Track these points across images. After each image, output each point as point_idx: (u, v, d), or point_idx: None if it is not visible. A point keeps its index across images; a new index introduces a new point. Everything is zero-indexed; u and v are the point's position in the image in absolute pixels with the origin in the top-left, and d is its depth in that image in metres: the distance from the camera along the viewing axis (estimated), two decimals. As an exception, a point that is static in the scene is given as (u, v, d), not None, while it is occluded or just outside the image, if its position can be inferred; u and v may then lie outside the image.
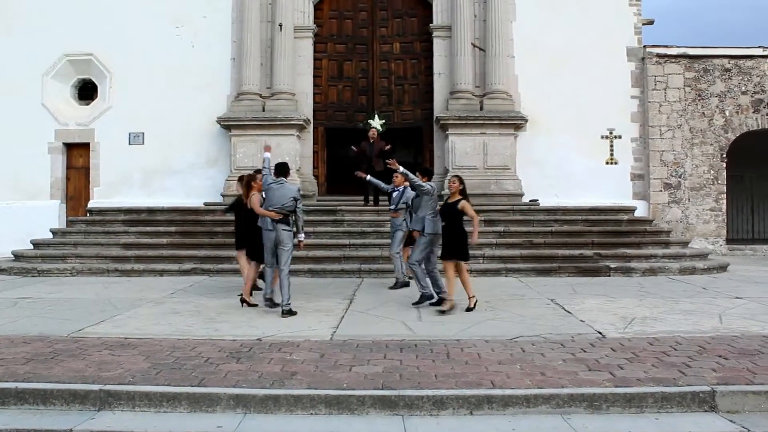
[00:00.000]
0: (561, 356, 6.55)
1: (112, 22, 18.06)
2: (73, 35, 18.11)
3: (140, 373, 6.00)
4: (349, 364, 6.32)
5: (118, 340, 7.39)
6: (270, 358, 6.54)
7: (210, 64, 17.97)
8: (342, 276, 13.04)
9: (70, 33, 18.11)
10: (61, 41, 18.13)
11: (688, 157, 17.61)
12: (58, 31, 18.14)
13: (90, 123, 18.27)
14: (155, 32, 18.06)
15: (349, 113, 18.80)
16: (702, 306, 9.54)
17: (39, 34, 18.21)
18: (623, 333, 7.69)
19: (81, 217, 16.78)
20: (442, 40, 18.05)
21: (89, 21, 18.09)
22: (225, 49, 18.07)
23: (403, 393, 5.47)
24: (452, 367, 6.16)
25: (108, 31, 18.04)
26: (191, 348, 7.00)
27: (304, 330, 7.96)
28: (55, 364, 6.32)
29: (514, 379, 5.79)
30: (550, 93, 17.55)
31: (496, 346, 7.00)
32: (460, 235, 9.17)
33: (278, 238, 9.13)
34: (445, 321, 8.51)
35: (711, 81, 17.68)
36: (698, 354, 6.62)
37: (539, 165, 17.45)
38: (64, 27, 18.13)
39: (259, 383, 5.71)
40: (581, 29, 17.75)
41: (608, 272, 13.15)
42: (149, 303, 10.03)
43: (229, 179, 17.12)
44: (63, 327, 8.15)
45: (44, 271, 13.47)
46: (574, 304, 9.76)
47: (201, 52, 18.04)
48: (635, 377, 5.80)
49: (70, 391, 5.61)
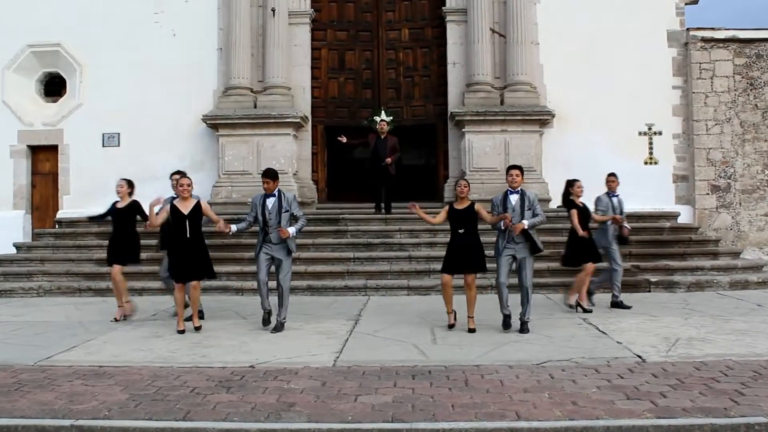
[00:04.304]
0: (595, 383, 6.55)
1: (82, 9, 18.18)
2: (38, 23, 18.21)
3: (117, 406, 6.01)
4: (354, 393, 6.33)
5: (92, 369, 7.41)
6: (265, 388, 6.55)
7: (194, 55, 18.05)
8: (346, 293, 13.06)
9: (34, 21, 18.22)
10: (24, 30, 18.23)
11: (738, 156, 17.58)
12: (20, 18, 18.24)
13: (58, 123, 18.37)
14: (131, 19, 18.15)
15: (352, 109, 18.86)
16: (757, 325, 9.52)
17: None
18: (666, 356, 7.68)
19: (49, 229, 16.86)
20: (457, 25, 18.10)
21: (56, 7, 18.21)
22: (211, 38, 18.16)
23: (415, 426, 5.47)
24: (471, 397, 6.17)
25: (77, 18, 18.16)
26: (175, 377, 7.02)
27: (303, 355, 7.97)
28: (21, 397, 6.35)
29: (542, 409, 5.79)
30: (580, 84, 17.56)
31: (521, 372, 7.00)
32: (479, 242, 9.43)
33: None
34: (464, 344, 8.52)
35: (765, 68, 17.65)
36: (753, 380, 6.60)
37: (568, 166, 17.34)
38: (27, 14, 18.24)
39: (252, 416, 5.72)
40: (615, 11, 17.77)
41: (648, 287, 13.14)
42: (127, 326, 10.06)
43: (218, 185, 17.19)
44: (29, 354, 8.17)
45: (7, 291, 13.52)
46: (609, 323, 9.75)
47: (183, 42, 18.12)
48: (680, 407, 5.79)
49: (37, 427, 5.62)
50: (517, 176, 9.46)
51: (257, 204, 9.65)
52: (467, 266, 9.36)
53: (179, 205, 9.64)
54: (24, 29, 18.23)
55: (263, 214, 9.55)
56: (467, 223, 9.34)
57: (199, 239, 9.65)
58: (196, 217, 9.62)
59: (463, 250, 9.35)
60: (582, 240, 10.72)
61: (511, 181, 9.49)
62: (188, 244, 9.51)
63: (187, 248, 9.52)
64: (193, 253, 9.53)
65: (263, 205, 9.58)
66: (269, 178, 9.65)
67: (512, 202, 9.37)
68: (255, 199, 9.79)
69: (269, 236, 9.54)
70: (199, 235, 9.66)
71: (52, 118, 18.45)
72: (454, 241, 9.45)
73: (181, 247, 9.54)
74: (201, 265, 9.64)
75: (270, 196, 9.61)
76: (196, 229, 9.63)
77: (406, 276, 13.49)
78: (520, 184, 9.51)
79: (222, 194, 17.10)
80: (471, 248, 9.37)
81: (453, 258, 9.41)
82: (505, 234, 9.36)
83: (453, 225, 9.43)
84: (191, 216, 9.56)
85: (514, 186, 9.45)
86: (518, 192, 9.44)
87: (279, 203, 9.58)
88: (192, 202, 9.68)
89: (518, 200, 9.37)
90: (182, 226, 9.52)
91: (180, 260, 9.54)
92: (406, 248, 14.21)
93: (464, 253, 9.35)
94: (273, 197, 9.61)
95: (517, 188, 9.46)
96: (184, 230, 9.51)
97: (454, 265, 9.41)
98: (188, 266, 9.53)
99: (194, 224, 9.59)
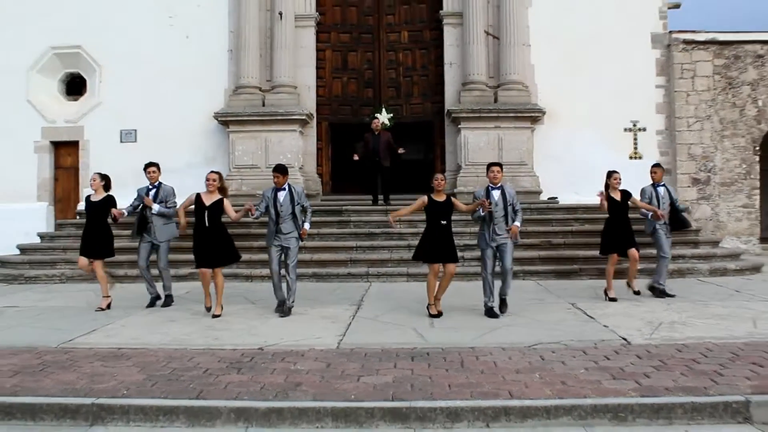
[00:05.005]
0: (583, 364, 6.54)
1: (101, 13, 18.18)
2: (60, 27, 18.22)
3: (135, 386, 6.01)
4: (357, 374, 6.33)
5: (111, 351, 7.41)
6: (273, 369, 6.55)
7: (206, 56, 18.04)
8: (349, 280, 13.07)
9: (57, 25, 18.23)
10: (48, 33, 18.25)
11: (718, 151, 17.56)
12: (44, 22, 18.27)
13: (79, 120, 18.38)
14: (147, 23, 18.16)
15: (354, 107, 18.84)
16: (734, 310, 9.51)
17: (23, 26, 18.31)
18: (650, 339, 7.67)
19: (70, 219, 16.87)
20: (453, 28, 18.07)
21: (77, 12, 18.21)
22: (222, 40, 18.15)
23: (414, 405, 5.47)
24: (467, 377, 6.16)
25: (97, 22, 18.15)
26: (189, 358, 7.02)
27: (308, 338, 7.97)
28: (45, 377, 6.35)
29: (533, 389, 5.78)
30: (569, 83, 17.54)
31: (513, 354, 7.00)
32: (451, 234, 9.37)
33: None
34: (459, 328, 8.51)
35: (742, 68, 17.62)
36: (731, 361, 6.59)
37: (558, 160, 17.41)
38: (51, 18, 18.26)
39: (261, 395, 5.72)
40: (602, 14, 17.74)
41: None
42: (143, 311, 10.06)
43: (228, 178, 17.11)
44: (52, 337, 8.18)
45: (32, 277, 13.54)
46: (596, 308, 9.74)
47: (196, 44, 18.11)
48: (663, 386, 5.79)
49: (60, 405, 5.63)
50: (498, 173, 9.50)
51: (269, 197, 9.65)
52: (449, 257, 9.26)
53: (204, 197, 9.68)
54: (47, 33, 18.24)
55: (275, 206, 9.56)
56: (447, 215, 9.28)
57: (218, 229, 9.66)
58: (216, 210, 9.64)
59: (445, 241, 9.22)
60: (613, 230, 10.49)
61: (492, 178, 9.51)
62: (207, 233, 9.55)
63: (206, 237, 9.57)
64: (212, 241, 9.56)
65: (275, 198, 9.59)
66: (279, 173, 9.66)
67: (495, 197, 9.39)
68: (266, 192, 9.79)
69: (280, 227, 9.55)
70: (218, 225, 9.68)
71: (74, 115, 18.46)
72: (434, 233, 9.24)
73: (200, 236, 9.60)
74: (219, 253, 9.64)
75: (280, 189, 9.63)
76: (216, 220, 9.64)
77: (406, 264, 13.46)
78: (500, 180, 9.56)
79: (232, 187, 17.00)
80: (450, 240, 9.29)
81: (435, 248, 9.20)
82: (491, 227, 9.37)
83: (434, 216, 9.24)
84: (211, 208, 9.59)
85: (495, 182, 9.49)
86: (499, 188, 9.48)
87: (291, 196, 9.60)
88: (216, 196, 9.71)
89: (500, 195, 9.43)
90: (202, 217, 9.56)
91: (200, 247, 9.60)
92: (406, 237, 14.18)
93: (446, 244, 9.22)
94: (283, 191, 9.63)
95: (498, 184, 9.50)
96: (203, 220, 9.55)
97: (433, 255, 9.22)
98: (207, 253, 9.57)
99: (213, 216, 9.60)
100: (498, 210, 9.35)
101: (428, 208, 9.29)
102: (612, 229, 10.57)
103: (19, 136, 18.21)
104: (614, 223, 10.53)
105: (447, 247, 9.23)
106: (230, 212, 9.74)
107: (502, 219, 9.40)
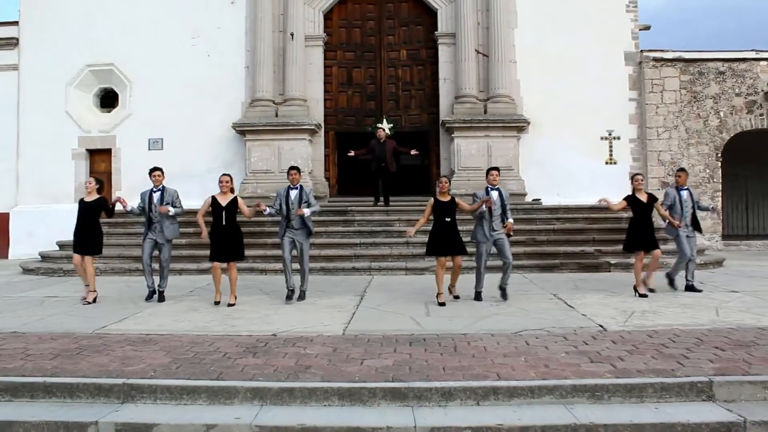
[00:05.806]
0: (564, 349, 6.53)
1: (132, 34, 18.20)
2: (95, 46, 18.29)
3: (161, 368, 6.01)
4: (360, 357, 6.32)
5: (140, 337, 7.42)
6: (285, 353, 6.54)
7: (225, 73, 18.06)
8: (353, 273, 13.06)
9: (92, 44, 18.30)
10: (84, 52, 18.31)
11: (684, 157, 17.54)
12: (81, 42, 18.33)
13: (111, 130, 18.40)
14: (173, 43, 18.16)
15: (358, 118, 18.82)
16: (699, 300, 9.51)
17: (63, 46, 18.35)
18: (623, 326, 7.66)
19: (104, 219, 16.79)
20: (447, 47, 18.05)
21: (110, 33, 18.26)
22: (239, 58, 18.15)
23: (412, 385, 5.46)
24: (459, 360, 6.15)
25: (128, 42, 18.19)
26: (210, 343, 7.02)
27: (317, 325, 7.96)
28: (81, 360, 6.35)
29: (519, 371, 5.77)
30: (552, 96, 17.52)
31: (501, 340, 6.99)
32: (457, 230, 9.55)
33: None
34: (452, 316, 8.50)
35: (706, 83, 17.62)
36: (696, 346, 6.58)
37: (541, 165, 17.42)
38: (87, 39, 18.31)
39: (274, 376, 5.71)
40: (580, 35, 17.72)
41: (609, 268, 13.12)
42: (169, 301, 10.06)
43: (245, 182, 17.22)
44: (88, 324, 8.19)
45: (69, 271, 13.51)
46: (576, 298, 9.73)
47: (216, 61, 18.12)
48: (635, 368, 5.78)
49: (95, 384, 5.64)
50: (497, 176, 9.79)
51: (282, 195, 9.79)
52: (459, 250, 9.48)
53: (219, 198, 9.66)
54: (83, 51, 18.29)
55: (287, 203, 9.68)
56: (451, 213, 9.46)
57: (233, 227, 9.65)
58: (231, 209, 9.63)
59: (452, 236, 9.40)
60: (638, 230, 10.18)
61: (491, 180, 9.72)
62: (223, 230, 9.53)
63: (222, 234, 9.54)
64: (228, 238, 9.55)
65: (287, 197, 9.74)
66: (295, 170, 9.95)
67: (494, 197, 9.58)
68: (280, 191, 9.92)
69: (291, 222, 9.67)
70: (233, 224, 9.67)
71: (107, 126, 18.48)
72: (441, 229, 9.42)
73: (217, 233, 9.57)
74: (234, 248, 9.64)
75: (293, 189, 9.77)
76: (231, 219, 9.63)
77: (404, 259, 13.47)
78: (498, 182, 9.79)
79: (248, 189, 17.09)
80: (457, 234, 9.47)
81: (443, 243, 9.40)
82: (489, 223, 9.55)
83: (440, 215, 9.45)
84: (227, 208, 9.58)
85: (494, 184, 9.71)
86: (497, 189, 9.69)
87: (300, 195, 9.74)
88: (230, 196, 9.71)
89: (498, 196, 9.64)
90: (219, 216, 9.55)
91: (216, 244, 9.58)
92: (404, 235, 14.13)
93: (453, 239, 9.41)
94: (296, 190, 9.77)
95: (496, 186, 9.71)
96: (221, 219, 9.53)
97: (445, 249, 9.43)
98: (222, 249, 9.55)
99: (229, 215, 9.59)
100: (496, 208, 9.59)
101: (434, 208, 9.50)
102: (637, 228, 10.23)
103: (59, 145, 18.22)
104: (638, 222, 10.21)
105: (454, 241, 9.41)
106: (244, 209, 9.76)
107: (499, 216, 9.63)
